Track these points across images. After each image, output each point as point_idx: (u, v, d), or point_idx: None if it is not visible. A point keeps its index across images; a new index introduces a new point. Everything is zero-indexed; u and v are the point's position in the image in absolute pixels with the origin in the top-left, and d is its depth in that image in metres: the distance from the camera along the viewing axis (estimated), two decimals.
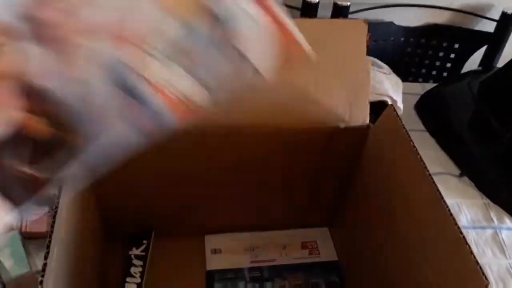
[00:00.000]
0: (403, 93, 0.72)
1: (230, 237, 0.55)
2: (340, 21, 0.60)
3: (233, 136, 0.44)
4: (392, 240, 0.41)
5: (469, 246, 0.30)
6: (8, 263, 0.38)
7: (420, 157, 0.38)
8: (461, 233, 0.30)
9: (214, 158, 0.45)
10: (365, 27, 0.44)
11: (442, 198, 0.34)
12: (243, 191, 0.50)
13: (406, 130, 0.40)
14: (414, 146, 0.38)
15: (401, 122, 0.41)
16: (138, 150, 0.23)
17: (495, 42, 0.84)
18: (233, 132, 0.43)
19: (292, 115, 0.44)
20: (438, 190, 0.34)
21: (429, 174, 0.36)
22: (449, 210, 0.33)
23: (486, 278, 0.27)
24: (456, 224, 0.31)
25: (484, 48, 0.86)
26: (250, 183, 0.49)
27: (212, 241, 0.55)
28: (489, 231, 0.60)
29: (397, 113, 0.42)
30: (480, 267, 0.27)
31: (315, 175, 0.50)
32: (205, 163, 0.45)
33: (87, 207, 0.42)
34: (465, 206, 0.63)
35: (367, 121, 0.46)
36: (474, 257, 0.29)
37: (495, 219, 0.61)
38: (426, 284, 0.35)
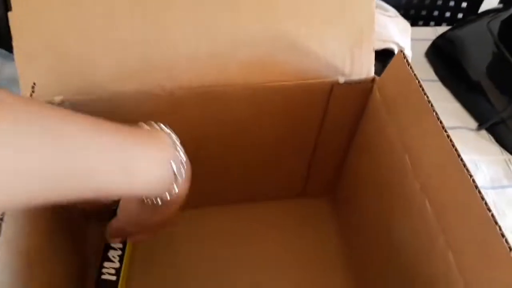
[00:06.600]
0: (413, 39, 0.64)
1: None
2: None
3: (216, 99, 0.37)
4: (401, 204, 0.35)
5: (489, 209, 0.25)
6: None
7: (436, 113, 0.31)
8: (482, 196, 0.26)
9: (200, 124, 0.39)
10: None
11: (459, 156, 0.29)
12: (234, 160, 0.45)
13: (419, 81, 0.33)
14: (429, 101, 0.32)
15: (413, 71, 0.34)
16: None
17: None
18: (215, 94, 0.37)
19: (281, 70, 0.37)
20: (455, 148, 0.29)
21: (446, 131, 0.30)
22: (467, 169, 0.28)
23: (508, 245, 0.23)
24: (476, 185, 0.27)
25: None
26: (241, 150, 0.43)
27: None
28: (510, 191, 0.54)
29: (407, 61, 0.35)
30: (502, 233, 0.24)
31: (310, 141, 0.44)
32: (191, 130, 0.40)
33: None
34: (484, 164, 0.56)
35: (372, 74, 0.39)
36: (496, 222, 0.24)
37: None
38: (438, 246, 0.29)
